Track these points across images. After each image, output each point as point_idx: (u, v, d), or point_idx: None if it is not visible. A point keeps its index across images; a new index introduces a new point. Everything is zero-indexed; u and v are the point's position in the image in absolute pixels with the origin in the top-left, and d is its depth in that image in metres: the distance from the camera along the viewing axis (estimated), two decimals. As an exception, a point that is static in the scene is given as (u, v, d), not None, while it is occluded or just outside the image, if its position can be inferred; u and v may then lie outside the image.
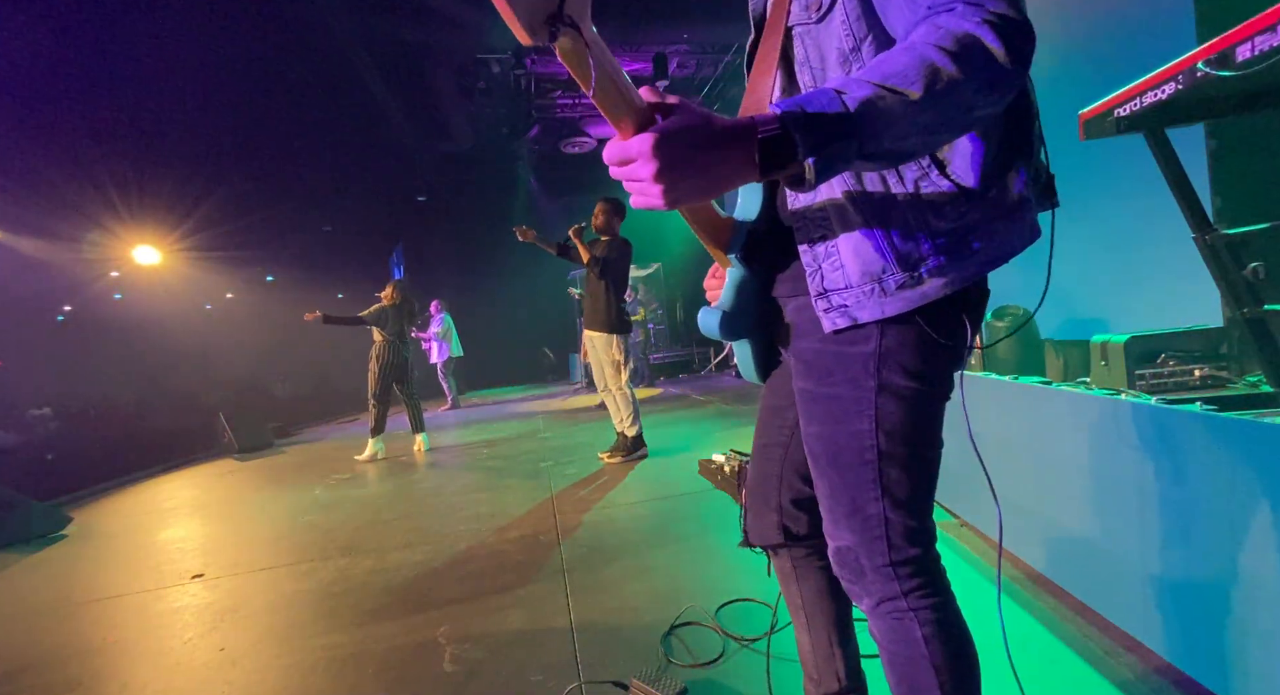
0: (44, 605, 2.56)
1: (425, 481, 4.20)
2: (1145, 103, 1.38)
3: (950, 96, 0.59)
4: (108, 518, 4.23)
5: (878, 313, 0.76)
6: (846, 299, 0.78)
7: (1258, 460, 1.14)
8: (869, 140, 0.58)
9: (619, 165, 0.59)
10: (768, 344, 0.99)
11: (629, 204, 0.63)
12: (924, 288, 0.74)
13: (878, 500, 0.80)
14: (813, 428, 0.85)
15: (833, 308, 0.80)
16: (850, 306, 0.78)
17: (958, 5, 0.63)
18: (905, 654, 0.83)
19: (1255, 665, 1.18)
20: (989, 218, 0.74)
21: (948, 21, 0.62)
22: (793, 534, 1.03)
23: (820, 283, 0.81)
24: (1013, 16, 0.62)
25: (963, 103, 0.61)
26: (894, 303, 0.76)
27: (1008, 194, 0.76)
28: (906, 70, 0.59)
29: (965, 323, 0.78)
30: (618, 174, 0.60)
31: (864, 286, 0.77)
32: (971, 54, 0.60)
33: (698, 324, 0.93)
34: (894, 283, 0.75)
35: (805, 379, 0.86)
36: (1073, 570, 1.74)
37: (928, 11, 0.65)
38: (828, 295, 0.80)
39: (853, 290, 0.78)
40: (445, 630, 1.93)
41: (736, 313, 0.90)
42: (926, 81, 0.58)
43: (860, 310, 0.77)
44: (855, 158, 0.59)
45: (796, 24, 0.80)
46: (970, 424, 0.83)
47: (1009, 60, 0.60)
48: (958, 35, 0.60)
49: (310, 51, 6.96)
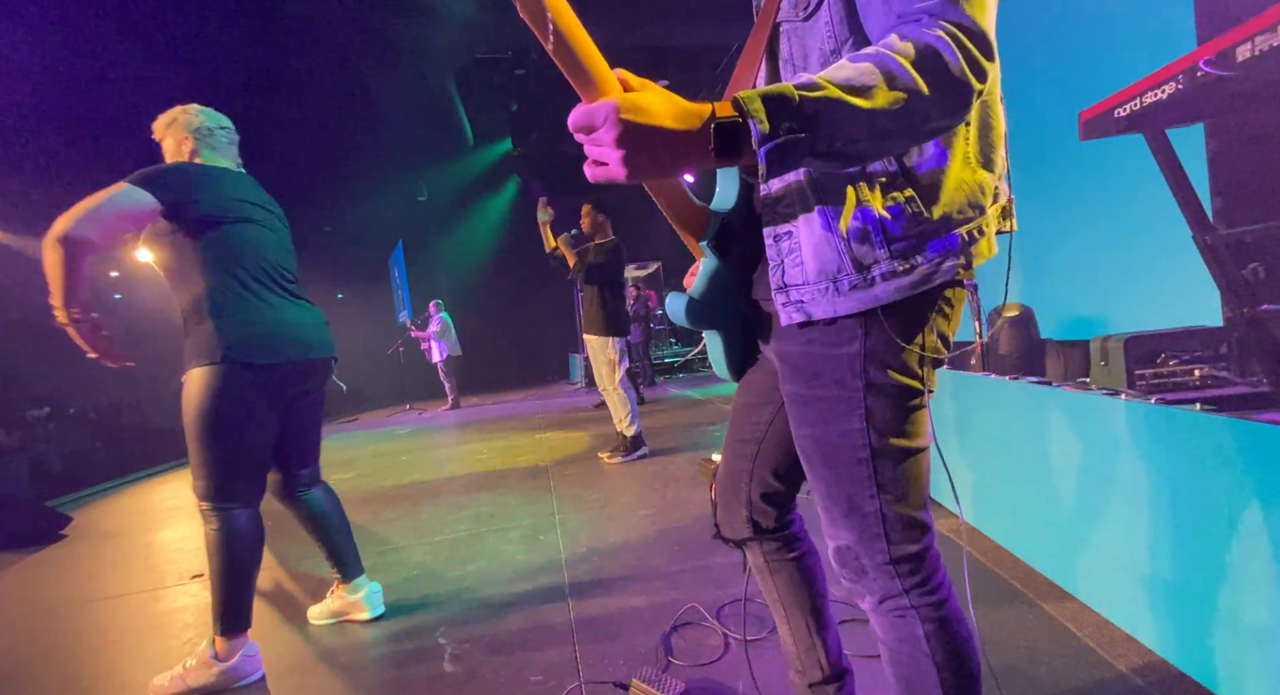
0: (44, 605, 2.56)
1: (425, 481, 4.20)
2: (1145, 103, 1.38)
3: (903, 104, 0.61)
4: (108, 518, 4.23)
5: (830, 311, 0.79)
6: (803, 295, 0.81)
7: (1257, 460, 1.14)
8: (821, 139, 0.60)
9: (583, 132, 0.61)
10: (743, 342, 1.00)
11: (588, 178, 0.64)
12: (875, 290, 0.76)
13: (874, 497, 0.81)
14: (804, 429, 0.86)
15: (790, 302, 0.82)
16: (806, 302, 0.81)
17: (924, 17, 0.65)
18: (907, 651, 0.83)
19: (1253, 664, 1.18)
20: (944, 230, 0.76)
21: (911, 31, 0.64)
22: (761, 528, 1.05)
23: (781, 277, 0.84)
24: (975, 30, 0.64)
25: (916, 112, 0.62)
26: (846, 302, 0.78)
27: (968, 210, 0.77)
28: (864, 75, 0.61)
29: (932, 321, 0.79)
30: (580, 138, 0.61)
31: (819, 284, 0.79)
32: (928, 65, 0.61)
33: (666, 310, 0.95)
34: (847, 283, 0.77)
35: (793, 382, 0.87)
36: (1072, 570, 1.74)
37: (897, 20, 0.67)
38: (787, 290, 0.83)
39: (809, 287, 0.80)
40: (445, 630, 1.93)
41: (705, 301, 0.92)
42: (881, 88, 0.60)
43: (814, 307, 0.80)
44: (807, 154, 0.61)
45: (785, 21, 0.81)
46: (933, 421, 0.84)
47: (965, 73, 0.62)
48: (918, 46, 0.62)
49: (310, 51, 6.96)
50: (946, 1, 0.65)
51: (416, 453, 5.42)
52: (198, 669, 1.70)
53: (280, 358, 1.79)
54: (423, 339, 8.95)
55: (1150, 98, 1.37)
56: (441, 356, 8.78)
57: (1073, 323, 3.17)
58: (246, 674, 1.74)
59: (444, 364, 8.82)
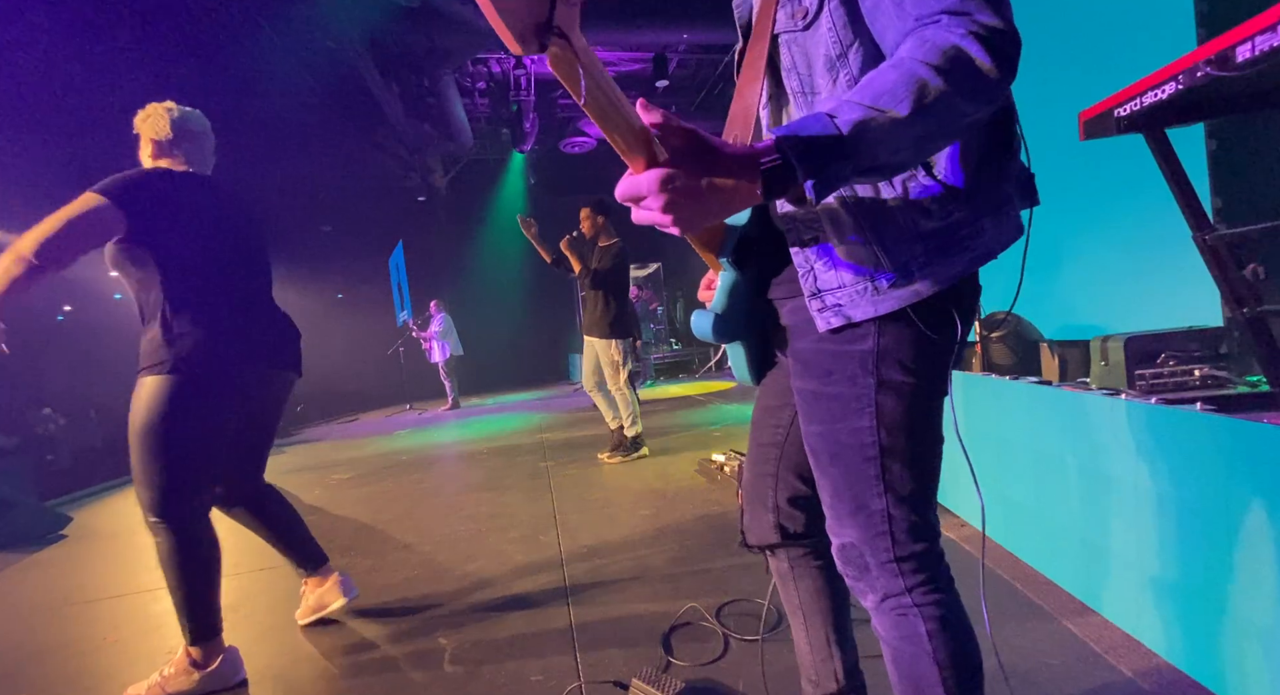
0: (44, 605, 2.56)
1: (425, 481, 4.20)
2: (1145, 103, 1.38)
3: (939, 110, 0.61)
4: (108, 518, 4.23)
5: (871, 311, 0.78)
6: (840, 298, 0.80)
7: (1257, 461, 1.14)
8: (864, 158, 0.60)
9: (631, 202, 0.62)
10: (762, 346, 1.00)
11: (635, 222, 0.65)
12: (916, 285, 0.76)
13: (881, 496, 0.81)
14: (814, 426, 0.86)
15: (826, 307, 0.81)
16: (844, 305, 0.80)
17: (943, 18, 0.64)
18: (909, 650, 0.83)
19: (1254, 665, 1.18)
20: (975, 216, 0.76)
21: (934, 35, 0.63)
22: (789, 533, 1.04)
23: (814, 283, 0.83)
24: (999, 27, 0.63)
25: (953, 114, 0.62)
26: (887, 301, 0.77)
27: (992, 192, 0.78)
28: (896, 88, 0.60)
29: (956, 318, 0.80)
30: (631, 205, 0.62)
31: (857, 286, 0.79)
32: (958, 67, 0.61)
33: (691, 328, 0.95)
34: (886, 282, 0.77)
35: (805, 379, 0.86)
36: (1072, 570, 1.74)
37: (915, 23, 0.67)
38: (821, 295, 0.82)
39: (846, 290, 0.80)
40: (445, 630, 1.93)
41: (729, 315, 0.92)
42: (915, 98, 0.60)
43: (854, 309, 0.79)
44: (852, 175, 0.62)
45: (783, 32, 0.81)
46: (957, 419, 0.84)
47: (995, 71, 0.62)
48: (944, 49, 0.62)
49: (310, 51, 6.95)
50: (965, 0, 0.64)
51: (416, 453, 5.42)
52: (176, 677, 1.68)
53: (237, 368, 1.74)
54: (424, 339, 8.95)
55: (1150, 98, 1.37)
56: (444, 356, 8.77)
57: (1073, 323, 3.17)
58: (229, 678, 1.73)
59: (445, 364, 8.82)
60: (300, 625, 2.06)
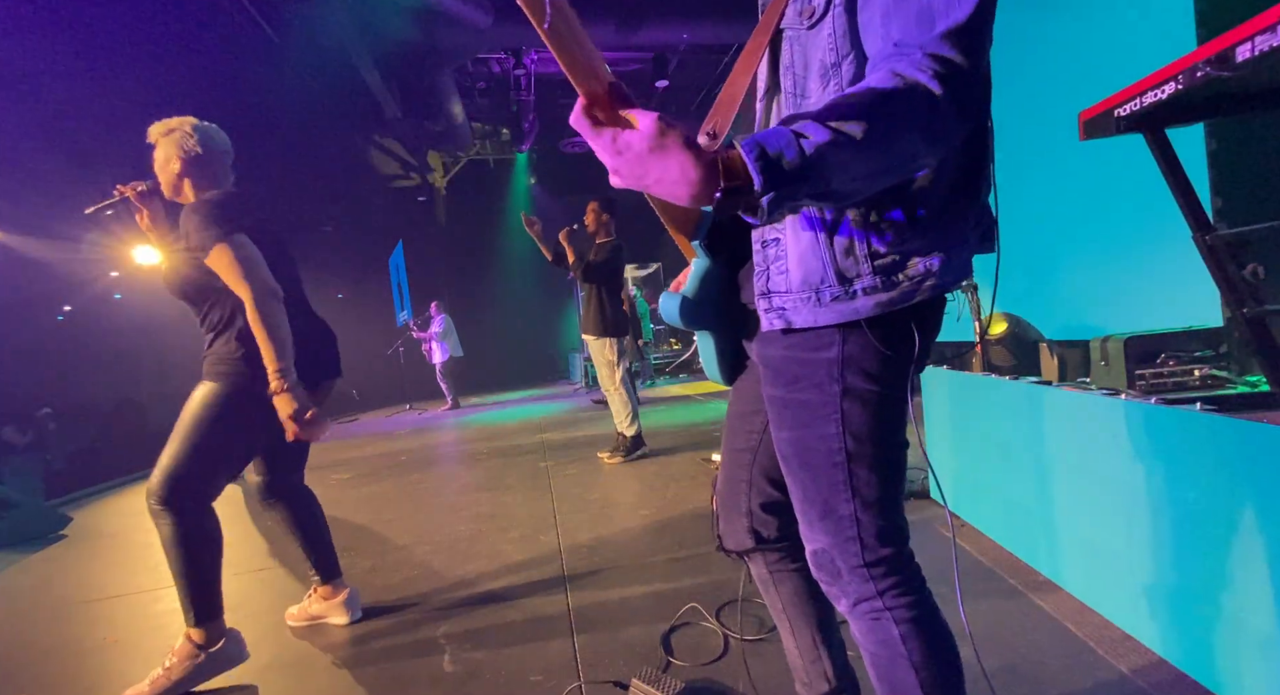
0: (44, 605, 2.56)
1: (425, 481, 4.20)
2: (1145, 103, 1.38)
3: (892, 142, 0.62)
4: (108, 518, 4.23)
5: (811, 320, 0.80)
6: (785, 302, 0.82)
7: (1257, 461, 1.14)
8: (819, 183, 0.61)
9: (612, 154, 0.62)
10: (734, 346, 1.01)
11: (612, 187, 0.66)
12: (855, 303, 0.78)
13: (849, 501, 0.83)
14: (783, 432, 0.87)
15: (772, 308, 0.84)
16: (787, 310, 0.82)
17: (915, 52, 0.64)
18: (884, 653, 0.85)
19: (1253, 665, 1.18)
20: (927, 250, 0.77)
21: (902, 67, 0.64)
22: (763, 538, 1.05)
23: (765, 283, 0.85)
24: (963, 68, 0.64)
25: (905, 150, 0.63)
26: (826, 313, 0.79)
27: (952, 230, 0.78)
28: (859, 113, 0.61)
29: (914, 333, 0.81)
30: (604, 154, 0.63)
31: (802, 294, 0.81)
32: (915, 104, 0.62)
33: (659, 311, 0.96)
34: (829, 295, 0.79)
35: (774, 386, 0.88)
36: (1073, 570, 1.74)
37: (893, 49, 0.67)
38: (770, 296, 0.84)
39: (792, 295, 0.82)
40: (445, 630, 1.93)
41: (697, 301, 0.94)
42: (872, 126, 0.60)
43: (795, 315, 0.82)
44: (804, 197, 0.62)
45: (789, 27, 0.81)
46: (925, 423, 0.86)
47: (952, 112, 0.63)
48: (908, 83, 0.62)
49: (310, 51, 6.96)
50: (942, 38, 0.64)
51: (416, 453, 5.42)
52: (181, 663, 1.68)
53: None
54: (424, 340, 8.94)
55: (1150, 98, 1.37)
56: (443, 357, 8.75)
57: (1073, 323, 3.17)
58: (235, 657, 1.74)
59: (443, 366, 8.80)
60: (288, 624, 2.07)
